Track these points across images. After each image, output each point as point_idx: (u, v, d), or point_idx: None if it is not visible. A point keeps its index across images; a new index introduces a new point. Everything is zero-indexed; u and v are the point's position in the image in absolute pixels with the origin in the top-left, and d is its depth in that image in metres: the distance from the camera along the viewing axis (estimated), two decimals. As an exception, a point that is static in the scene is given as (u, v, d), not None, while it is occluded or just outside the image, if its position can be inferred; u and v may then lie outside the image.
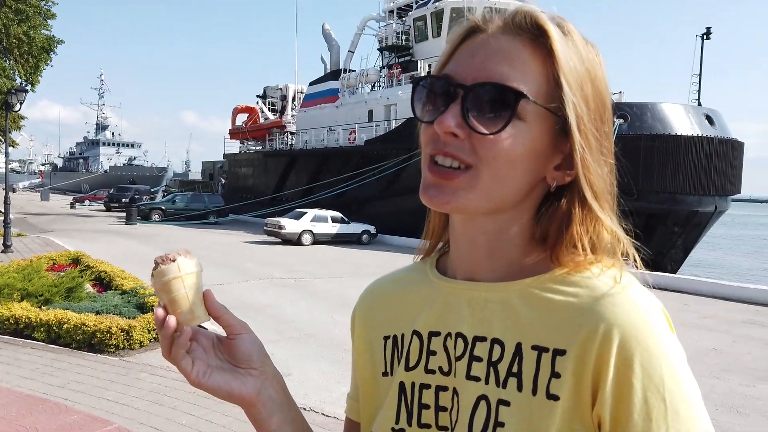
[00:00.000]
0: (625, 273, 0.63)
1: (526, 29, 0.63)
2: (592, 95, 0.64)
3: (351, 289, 11.20)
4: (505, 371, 0.63)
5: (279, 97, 38.85)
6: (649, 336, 0.58)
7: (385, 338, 0.76)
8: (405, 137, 21.49)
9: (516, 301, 0.65)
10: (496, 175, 0.63)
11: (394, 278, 0.82)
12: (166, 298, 0.69)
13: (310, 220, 19.44)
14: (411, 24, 26.03)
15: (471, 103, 0.62)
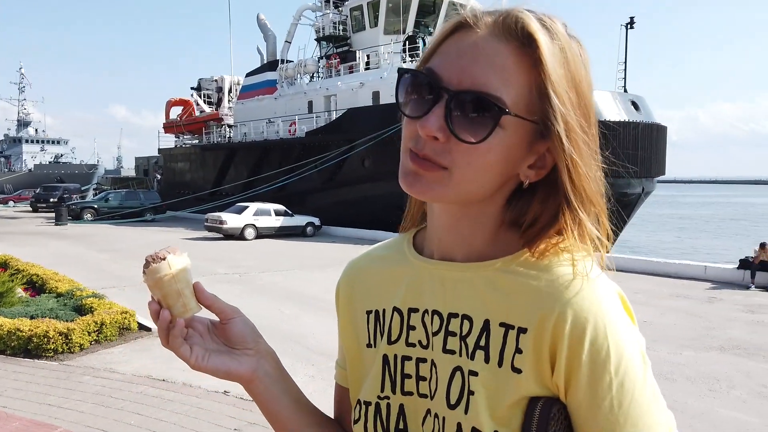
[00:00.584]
0: (587, 261, 0.67)
1: (514, 34, 0.64)
2: (577, 101, 0.66)
3: (298, 282, 11.17)
4: (473, 344, 0.69)
5: (215, 89, 37.79)
6: (599, 317, 0.63)
7: (368, 312, 0.81)
8: (346, 128, 21.49)
9: (484, 281, 0.70)
10: (469, 176, 0.66)
11: (375, 255, 0.86)
12: (159, 293, 0.74)
13: (252, 214, 19.15)
14: (348, 14, 25.87)
15: (454, 108, 0.64)
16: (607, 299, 0.65)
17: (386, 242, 0.88)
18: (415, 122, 0.67)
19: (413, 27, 23.58)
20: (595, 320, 0.63)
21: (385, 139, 19.03)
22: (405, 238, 0.83)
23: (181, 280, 0.74)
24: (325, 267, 13.14)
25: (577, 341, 0.63)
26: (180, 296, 0.74)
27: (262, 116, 27.93)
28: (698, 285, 11.09)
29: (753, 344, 6.91)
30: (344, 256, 15.47)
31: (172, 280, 0.73)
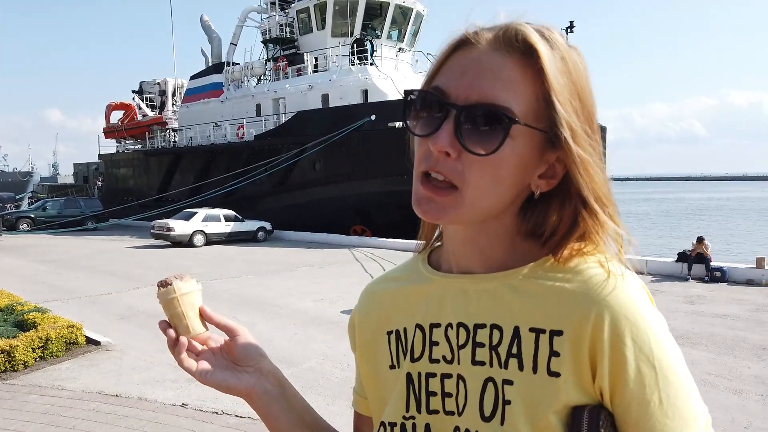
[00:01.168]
0: (613, 260, 0.68)
1: (515, 47, 0.65)
2: (580, 107, 0.67)
3: (252, 288, 10.98)
4: (506, 353, 0.68)
5: (157, 92, 36.67)
6: (636, 313, 0.63)
7: (389, 333, 0.81)
8: (296, 131, 21.29)
9: (510, 289, 0.70)
10: (481, 194, 0.67)
11: (390, 277, 0.86)
12: (168, 314, 0.83)
13: (201, 220, 18.70)
14: (294, 16, 25.61)
15: (463, 123, 0.65)
16: (640, 295, 0.66)
17: (400, 265, 0.88)
18: (426, 141, 0.68)
19: (361, 30, 23.58)
20: (633, 317, 0.63)
21: (336, 142, 18.98)
22: (419, 259, 0.84)
23: (185, 304, 0.83)
24: (279, 272, 13.00)
25: (618, 340, 0.63)
26: (184, 318, 0.82)
27: (209, 120, 27.32)
28: (641, 278, 11.55)
29: (695, 333, 7.28)
30: (297, 260, 15.38)
31: (177, 303, 0.82)
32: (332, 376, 5.82)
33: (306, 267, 13.78)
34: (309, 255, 16.11)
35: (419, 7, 24.81)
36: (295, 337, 7.34)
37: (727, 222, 37.38)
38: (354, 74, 21.76)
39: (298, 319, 8.37)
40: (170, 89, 35.91)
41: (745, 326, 7.68)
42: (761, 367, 6.03)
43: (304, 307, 9.17)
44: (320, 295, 10.19)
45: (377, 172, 18.95)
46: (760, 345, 6.77)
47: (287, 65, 24.94)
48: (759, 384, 5.54)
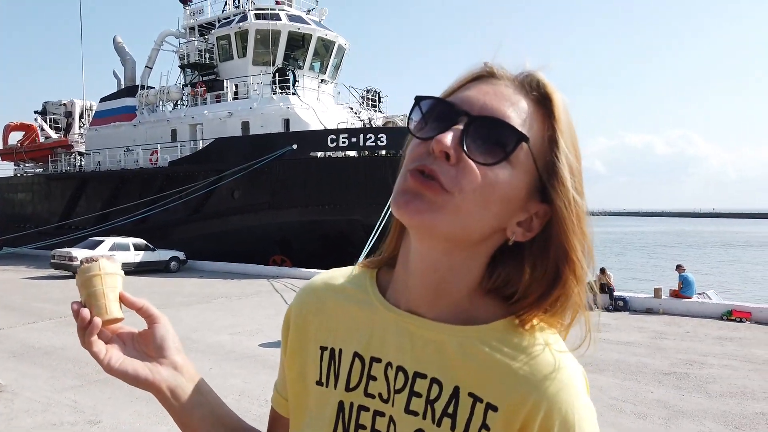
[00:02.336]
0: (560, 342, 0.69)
1: (535, 90, 0.68)
2: (575, 161, 0.68)
3: (162, 321, 10.39)
4: (441, 410, 0.67)
5: (63, 113, 34.61)
6: (569, 408, 0.64)
7: (322, 348, 0.78)
8: (214, 158, 20.74)
9: (457, 347, 0.69)
10: (470, 206, 0.64)
11: (336, 286, 0.82)
12: (86, 293, 0.79)
13: (108, 249, 17.58)
14: (214, 42, 25.21)
15: (472, 131, 0.64)
16: (579, 389, 0.66)
17: (346, 272, 0.84)
18: (426, 144, 0.66)
19: (283, 60, 23.57)
20: (566, 413, 0.64)
21: (256, 170, 18.65)
22: (367, 276, 0.80)
23: (107, 284, 0.79)
24: (193, 304, 12.45)
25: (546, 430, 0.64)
26: (103, 297, 0.78)
27: (119, 144, 26.07)
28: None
29: (602, 360, 7.65)
30: (213, 291, 14.78)
31: (99, 281, 0.78)
32: (249, 413, 5.58)
33: (222, 298, 13.30)
34: (225, 286, 15.57)
35: (341, 41, 25.19)
36: (210, 373, 7.00)
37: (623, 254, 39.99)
38: (276, 103, 21.62)
39: (213, 353, 8.00)
40: (77, 111, 34.04)
41: (646, 353, 8.18)
42: (663, 391, 6.42)
43: (219, 341, 8.80)
44: (237, 327, 9.83)
45: (298, 201, 18.79)
46: (660, 370, 7.21)
47: (206, 91, 24.38)
48: (661, 408, 5.87)
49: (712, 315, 10.94)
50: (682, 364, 7.52)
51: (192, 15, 27.08)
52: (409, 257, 0.73)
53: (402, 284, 0.74)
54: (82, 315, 0.77)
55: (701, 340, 9.04)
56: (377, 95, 24.51)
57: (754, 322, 10.37)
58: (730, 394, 6.29)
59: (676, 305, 11.44)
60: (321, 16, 26.05)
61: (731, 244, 52.09)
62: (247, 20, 23.60)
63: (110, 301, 0.78)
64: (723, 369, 7.28)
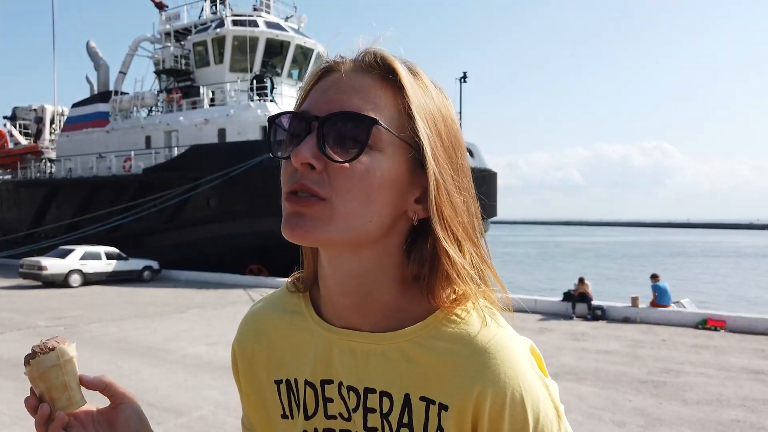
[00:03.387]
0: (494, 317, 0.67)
1: (375, 67, 0.65)
2: (445, 131, 0.66)
3: (135, 331, 10.17)
4: (397, 422, 0.66)
5: (33, 119, 33.92)
6: (515, 386, 0.63)
7: (277, 382, 0.76)
8: (189, 165, 20.46)
9: (398, 354, 0.67)
10: (352, 206, 0.62)
11: (273, 317, 0.79)
12: (44, 386, 0.71)
13: (79, 258, 17.19)
14: (191, 48, 24.95)
15: (326, 133, 0.62)
16: (520, 365, 0.65)
17: (279, 297, 0.80)
18: (290, 163, 0.64)
19: (261, 66, 23.44)
20: (512, 391, 0.63)
21: (233, 178, 18.43)
22: (301, 297, 0.77)
23: (68, 372, 0.72)
24: (167, 314, 12.19)
25: (497, 416, 0.63)
26: (66, 389, 0.71)
27: (92, 150, 25.58)
28: (530, 317, 12.13)
29: (581, 369, 7.67)
30: (188, 301, 14.51)
31: (60, 372, 0.71)
32: (225, 424, 5.44)
33: (197, 308, 13.05)
34: (201, 296, 15.30)
35: (320, 48, 25.15)
36: (185, 384, 6.83)
37: (597, 264, 40.56)
38: (253, 110, 21.45)
39: (188, 364, 7.82)
40: (48, 116, 33.40)
41: (624, 361, 8.23)
42: (640, 399, 6.45)
43: (195, 352, 8.60)
44: (213, 338, 9.64)
45: (276, 210, 18.17)
46: (638, 379, 7.25)
47: (181, 97, 24.10)
48: (639, 416, 5.90)
49: (688, 324, 11.09)
50: (659, 372, 7.58)
51: (168, 20, 26.81)
52: (325, 273, 0.71)
53: (329, 301, 0.72)
54: (41, 412, 0.70)
55: (677, 348, 9.15)
56: (356, 104, 24.54)
57: (729, 331, 10.53)
58: (706, 401, 6.35)
59: (653, 314, 11.57)
60: (299, 24, 26.02)
61: (705, 254, 53.26)
62: (225, 27, 23.42)
63: (74, 391, 0.72)
64: (699, 377, 7.36)
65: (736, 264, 42.00)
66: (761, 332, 10.27)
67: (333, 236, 0.63)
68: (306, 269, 0.77)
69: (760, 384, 7.03)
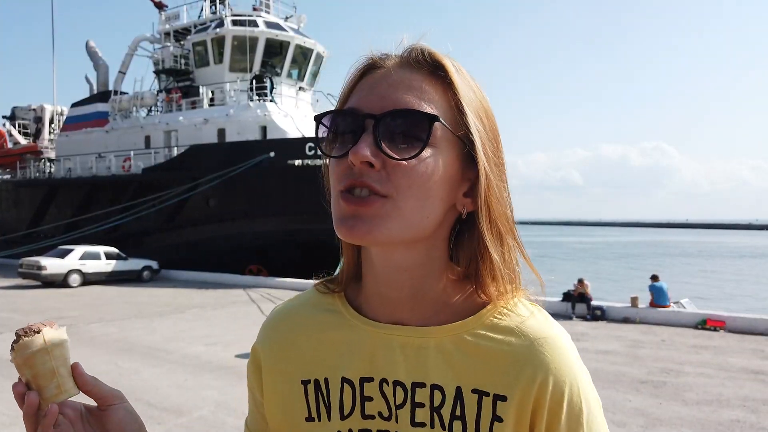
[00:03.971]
0: (540, 310, 0.70)
1: (423, 63, 0.66)
2: (488, 125, 0.68)
3: (135, 331, 10.16)
4: (449, 415, 0.66)
5: (32, 118, 33.89)
6: (572, 374, 0.66)
7: (304, 383, 0.73)
8: (189, 165, 20.45)
9: (450, 346, 0.67)
10: (412, 202, 0.63)
11: (303, 317, 0.77)
12: (30, 373, 0.65)
13: (78, 257, 17.18)
14: (190, 48, 24.92)
15: (383, 131, 0.62)
16: (573, 354, 0.67)
17: (307, 299, 0.79)
18: (344, 161, 0.64)
19: (260, 66, 23.42)
20: (570, 381, 0.65)
21: (232, 178, 18.42)
22: (336, 298, 0.77)
23: (57, 357, 0.65)
24: (167, 314, 12.19)
25: (557, 405, 0.65)
26: (55, 376, 0.65)
27: (91, 150, 25.55)
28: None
29: (581, 369, 7.68)
30: (187, 301, 14.50)
31: (47, 357, 0.65)
32: (225, 424, 5.44)
33: (197, 308, 13.04)
34: (200, 296, 15.29)
35: (320, 49, 25.15)
36: (184, 384, 6.82)
37: (596, 264, 40.57)
38: (253, 110, 21.44)
39: (188, 364, 7.81)
40: (48, 116, 33.37)
41: (624, 361, 8.23)
42: (640, 399, 6.45)
43: (195, 352, 8.60)
44: (213, 338, 9.64)
45: (276, 210, 18.60)
46: (637, 379, 7.26)
47: (181, 97, 24.08)
48: (639, 416, 5.90)
49: (688, 324, 11.10)
50: (658, 372, 7.59)
51: (167, 20, 26.79)
52: (375, 268, 0.71)
53: (376, 297, 0.72)
54: (29, 401, 0.65)
55: (677, 348, 9.15)
56: (355, 104, 24.53)
57: (728, 331, 10.54)
58: (705, 401, 6.36)
59: (652, 314, 11.58)
60: (299, 24, 25.99)
61: (704, 254, 53.28)
62: (224, 26, 23.40)
63: (64, 378, 0.65)
64: (699, 377, 7.36)
65: (735, 264, 42.04)
66: (761, 332, 10.28)
67: (393, 234, 0.63)
68: (345, 269, 0.77)
69: (759, 384, 7.04)
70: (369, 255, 0.71)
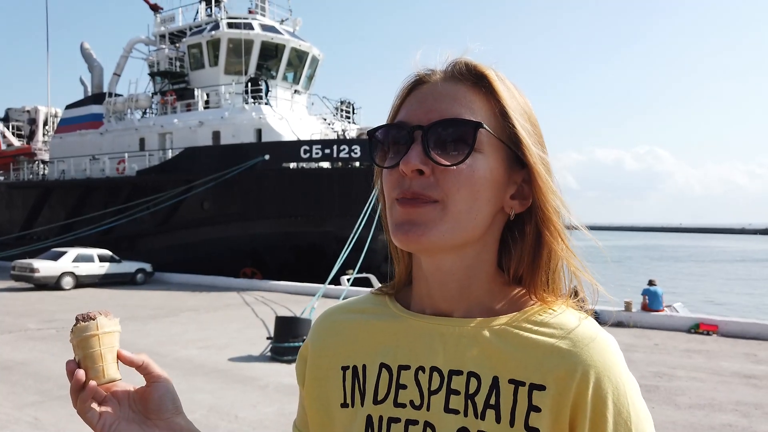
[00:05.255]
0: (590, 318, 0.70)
1: (466, 75, 0.70)
2: (532, 129, 0.71)
3: (127, 335, 10.09)
4: (483, 403, 0.66)
5: (26, 120, 33.75)
6: (618, 376, 0.65)
7: (344, 368, 0.76)
8: (183, 168, 20.41)
9: (491, 336, 0.68)
10: (461, 205, 0.66)
11: (353, 309, 0.81)
12: (81, 354, 0.74)
13: (71, 260, 17.09)
14: (186, 51, 24.88)
15: (431, 140, 0.66)
16: (620, 356, 0.67)
17: (361, 298, 0.83)
18: (396, 171, 0.68)
19: (256, 69, 23.41)
20: (616, 379, 0.65)
21: (227, 181, 18.39)
22: (386, 298, 0.80)
23: (105, 344, 0.74)
24: (160, 317, 12.14)
25: (601, 402, 0.64)
26: (100, 359, 0.73)
27: (85, 152, 25.46)
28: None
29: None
30: (181, 303, 14.44)
31: (96, 342, 0.73)
32: (218, 429, 5.42)
33: (190, 311, 13.00)
34: (194, 298, 15.24)
35: (315, 52, 25.16)
36: (177, 388, 6.63)
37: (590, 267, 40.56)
38: (248, 113, 21.41)
39: (180, 367, 7.78)
40: (42, 118, 33.24)
41: (617, 365, 8.26)
42: (634, 403, 6.47)
43: (188, 355, 8.57)
44: (206, 341, 9.60)
45: (270, 212, 18.57)
46: (631, 382, 7.29)
47: (176, 99, 24.03)
48: None
49: (681, 328, 11.14)
50: (651, 376, 7.61)
51: (163, 22, 26.75)
52: (424, 272, 0.74)
53: (425, 295, 0.75)
54: (77, 377, 0.72)
55: (670, 352, 9.18)
56: (351, 107, 24.54)
57: (721, 335, 10.58)
58: (698, 405, 6.38)
59: (645, 318, 11.62)
60: (295, 27, 26.00)
61: (698, 258, 53.50)
62: (220, 29, 23.39)
63: (108, 363, 0.74)
64: (691, 381, 7.39)
65: (728, 268, 42.24)
66: (753, 337, 10.33)
67: (446, 236, 0.66)
68: (398, 274, 0.80)
69: (751, 388, 7.07)
70: (419, 261, 0.74)
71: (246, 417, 5.73)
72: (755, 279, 34.74)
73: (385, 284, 0.83)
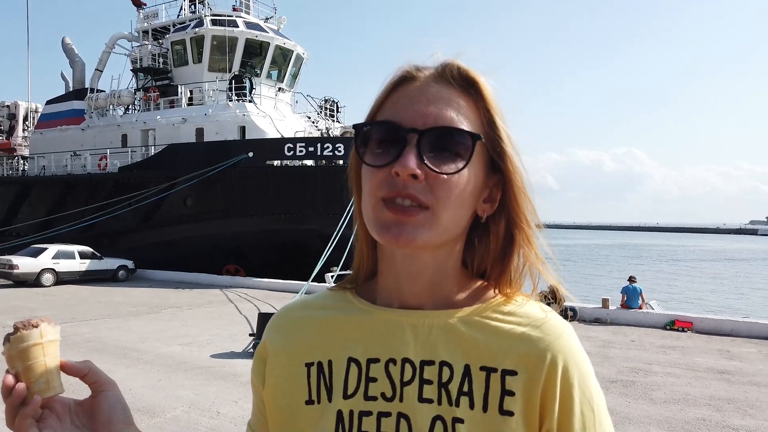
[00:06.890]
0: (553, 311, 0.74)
1: (457, 80, 0.70)
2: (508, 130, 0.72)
3: (109, 331, 10.05)
4: (456, 391, 0.68)
5: (6, 115, 33.18)
6: (581, 360, 0.70)
7: (308, 365, 0.75)
8: (166, 165, 20.25)
9: (461, 326, 0.71)
10: (449, 212, 0.67)
11: (312, 305, 0.81)
12: (21, 365, 0.66)
13: (51, 257, 16.89)
14: (169, 47, 24.64)
15: (426, 146, 0.66)
16: (578, 342, 0.72)
17: (320, 294, 0.83)
18: (385, 170, 0.67)
19: (240, 67, 23.27)
20: (581, 369, 0.69)
21: (210, 178, 18.29)
22: (347, 293, 0.80)
23: (49, 354, 0.68)
24: (142, 314, 12.07)
25: (569, 384, 0.67)
26: (45, 371, 0.67)
27: (66, 148, 25.11)
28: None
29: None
30: (163, 301, 14.36)
31: (41, 352, 0.67)
32: (199, 425, 5.44)
33: (173, 308, 12.94)
34: (176, 295, 15.16)
35: (300, 50, 25.08)
36: (158, 384, 6.79)
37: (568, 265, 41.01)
38: (231, 110, 21.30)
39: (162, 364, 7.77)
40: (21, 113, 32.70)
41: (594, 361, 8.30)
42: (610, 398, 6.58)
43: (169, 352, 8.55)
44: (188, 338, 9.58)
45: (254, 210, 18.51)
46: (608, 378, 7.40)
47: (159, 96, 23.80)
48: (609, 414, 6.04)
49: (656, 325, 11.34)
50: (628, 372, 7.75)
51: (146, 18, 26.47)
52: (396, 266, 0.74)
53: (393, 288, 0.75)
54: (17, 392, 0.65)
55: (646, 349, 9.35)
56: (335, 105, 24.50)
57: (695, 332, 10.79)
58: (673, 400, 6.52)
59: (623, 315, 11.81)
60: (279, 25, 25.88)
61: (673, 257, 54.24)
62: (204, 26, 23.20)
63: (53, 375, 0.67)
64: (666, 377, 7.54)
65: (702, 267, 42.88)
66: (727, 333, 10.55)
67: (432, 240, 0.67)
68: (363, 267, 0.79)
69: (725, 384, 7.24)
70: (389, 254, 0.74)
71: (228, 413, 5.76)
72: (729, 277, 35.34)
73: (342, 280, 0.83)
